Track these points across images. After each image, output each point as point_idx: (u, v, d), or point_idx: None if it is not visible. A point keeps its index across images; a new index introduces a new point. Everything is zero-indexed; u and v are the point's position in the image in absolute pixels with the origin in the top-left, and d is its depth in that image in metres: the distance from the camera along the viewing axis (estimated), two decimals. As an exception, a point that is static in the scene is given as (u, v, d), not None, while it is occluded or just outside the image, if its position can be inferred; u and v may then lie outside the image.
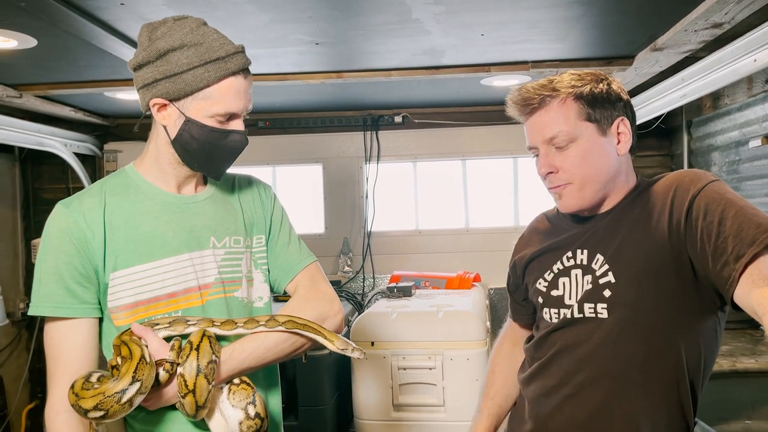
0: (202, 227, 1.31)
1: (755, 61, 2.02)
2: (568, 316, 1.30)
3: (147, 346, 1.18)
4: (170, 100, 1.24)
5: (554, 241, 1.40)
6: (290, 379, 2.63)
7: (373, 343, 2.56)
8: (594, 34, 2.38)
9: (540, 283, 1.38)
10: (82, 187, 3.65)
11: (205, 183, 1.39)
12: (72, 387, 1.14)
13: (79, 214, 1.23)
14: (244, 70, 1.25)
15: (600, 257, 1.29)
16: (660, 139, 3.60)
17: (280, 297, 1.60)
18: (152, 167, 1.32)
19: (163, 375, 1.18)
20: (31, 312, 1.23)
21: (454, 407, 2.50)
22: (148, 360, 1.14)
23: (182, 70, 1.20)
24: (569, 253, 1.34)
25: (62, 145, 3.47)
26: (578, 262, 1.32)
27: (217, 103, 1.22)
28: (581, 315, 1.28)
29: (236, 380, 1.26)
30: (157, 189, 1.31)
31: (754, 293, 1.04)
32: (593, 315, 1.27)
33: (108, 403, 1.09)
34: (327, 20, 2.11)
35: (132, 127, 4.33)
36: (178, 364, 1.18)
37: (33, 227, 3.85)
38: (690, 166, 3.34)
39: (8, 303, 3.69)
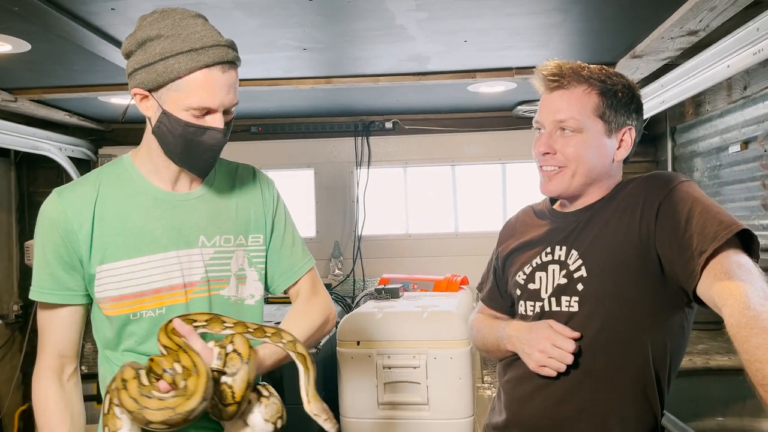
0: (192, 226, 1.32)
1: (728, 66, 2.08)
2: (546, 309, 1.35)
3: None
4: (148, 91, 1.23)
5: (536, 236, 1.45)
6: (277, 378, 2.66)
7: (359, 343, 2.60)
8: (575, 41, 2.43)
9: (519, 276, 1.43)
10: (76, 191, 3.72)
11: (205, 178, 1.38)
12: (126, 388, 1.13)
13: (68, 204, 1.26)
14: (224, 64, 1.20)
15: (575, 252, 1.34)
16: (645, 145, 3.65)
17: (272, 298, 1.60)
18: (146, 159, 1.33)
19: None
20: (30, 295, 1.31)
21: (438, 405, 2.54)
22: (210, 374, 1.14)
23: (155, 60, 1.19)
24: (548, 249, 1.39)
25: (57, 149, 3.51)
26: (556, 257, 1.37)
27: (189, 96, 1.19)
28: (558, 308, 1.33)
29: (265, 392, 1.29)
30: (150, 184, 1.32)
31: (715, 286, 1.09)
32: (566, 308, 1.32)
33: (176, 419, 1.09)
34: (313, 26, 2.17)
35: (127, 132, 4.38)
36: (223, 373, 1.20)
37: (27, 230, 3.88)
38: (674, 171, 3.39)
39: (2, 305, 3.73)
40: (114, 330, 1.29)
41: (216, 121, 1.23)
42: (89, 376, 3.68)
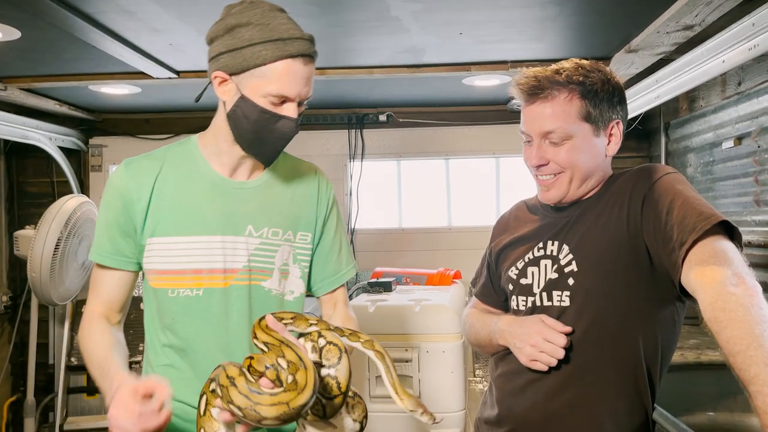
0: (242, 214, 1.36)
1: (723, 62, 2.07)
2: (537, 303, 1.35)
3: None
4: (230, 75, 1.26)
5: (528, 231, 1.45)
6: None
7: (351, 336, 2.59)
8: (570, 35, 2.43)
9: (512, 271, 1.43)
10: (66, 182, 3.71)
11: (265, 168, 1.42)
12: (234, 385, 1.08)
13: (132, 176, 1.34)
14: (306, 56, 1.25)
15: (566, 247, 1.34)
16: (639, 141, 3.66)
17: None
18: (211, 142, 1.37)
19: None
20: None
21: (430, 399, 2.53)
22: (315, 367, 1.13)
23: (243, 45, 1.23)
24: (540, 244, 1.39)
25: (47, 138, 3.48)
26: (548, 252, 1.37)
27: (271, 82, 1.23)
28: (549, 303, 1.33)
29: (350, 393, 1.26)
30: (209, 168, 1.37)
31: (691, 275, 1.10)
32: (558, 303, 1.32)
33: (290, 414, 1.06)
34: (307, 16, 2.15)
35: (118, 122, 4.34)
36: (322, 366, 1.18)
37: (17, 220, 3.85)
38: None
39: (-9, 296, 3.71)
40: (157, 303, 1.36)
41: (291, 110, 1.27)
42: (79, 368, 3.67)
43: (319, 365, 1.18)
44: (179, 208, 1.33)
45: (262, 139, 1.29)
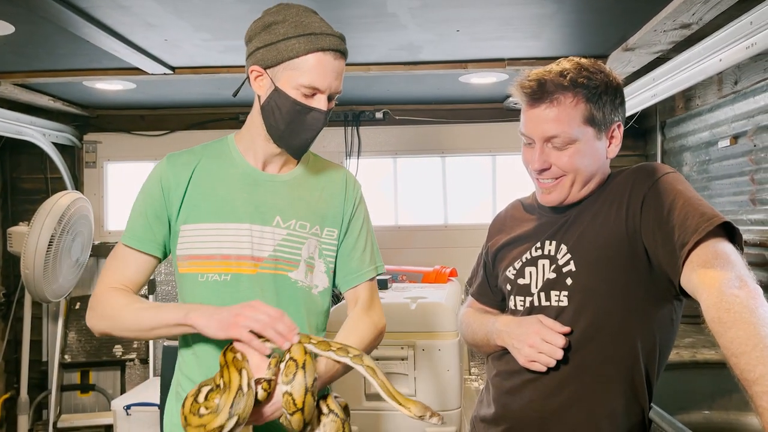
0: (271, 205, 1.40)
1: (720, 60, 2.07)
2: (536, 303, 1.34)
3: (248, 363, 1.20)
4: (265, 68, 1.33)
5: (525, 231, 1.44)
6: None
7: (346, 334, 2.58)
8: (567, 32, 2.42)
9: (509, 271, 1.42)
10: (60, 178, 3.69)
11: (296, 165, 1.47)
12: (183, 406, 1.18)
13: (173, 167, 1.42)
14: (336, 51, 1.31)
15: (564, 247, 1.33)
16: (635, 139, 3.66)
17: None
18: (245, 138, 1.44)
19: (261, 394, 1.19)
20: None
21: (426, 397, 2.53)
22: (245, 389, 1.15)
23: (278, 40, 1.30)
24: (538, 244, 1.38)
25: (41, 134, 3.46)
26: (546, 252, 1.36)
27: (302, 74, 1.29)
28: (548, 303, 1.33)
29: (325, 408, 1.28)
30: (243, 160, 1.43)
31: (693, 276, 1.09)
32: (556, 303, 1.32)
33: None
34: (304, 12, 2.13)
35: (112, 118, 4.30)
36: (277, 383, 1.20)
37: (10, 217, 3.82)
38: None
39: (-16, 292, 3.68)
40: (186, 289, 1.40)
41: (321, 102, 1.33)
42: (72, 365, 3.66)
43: (275, 382, 1.20)
44: (212, 197, 1.39)
45: (293, 130, 1.34)
